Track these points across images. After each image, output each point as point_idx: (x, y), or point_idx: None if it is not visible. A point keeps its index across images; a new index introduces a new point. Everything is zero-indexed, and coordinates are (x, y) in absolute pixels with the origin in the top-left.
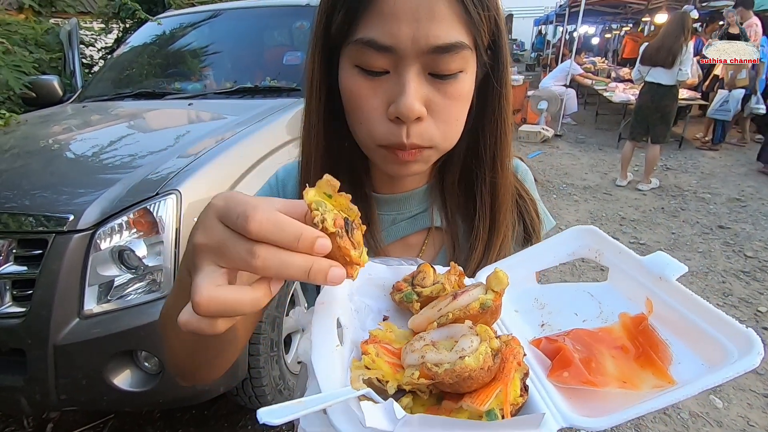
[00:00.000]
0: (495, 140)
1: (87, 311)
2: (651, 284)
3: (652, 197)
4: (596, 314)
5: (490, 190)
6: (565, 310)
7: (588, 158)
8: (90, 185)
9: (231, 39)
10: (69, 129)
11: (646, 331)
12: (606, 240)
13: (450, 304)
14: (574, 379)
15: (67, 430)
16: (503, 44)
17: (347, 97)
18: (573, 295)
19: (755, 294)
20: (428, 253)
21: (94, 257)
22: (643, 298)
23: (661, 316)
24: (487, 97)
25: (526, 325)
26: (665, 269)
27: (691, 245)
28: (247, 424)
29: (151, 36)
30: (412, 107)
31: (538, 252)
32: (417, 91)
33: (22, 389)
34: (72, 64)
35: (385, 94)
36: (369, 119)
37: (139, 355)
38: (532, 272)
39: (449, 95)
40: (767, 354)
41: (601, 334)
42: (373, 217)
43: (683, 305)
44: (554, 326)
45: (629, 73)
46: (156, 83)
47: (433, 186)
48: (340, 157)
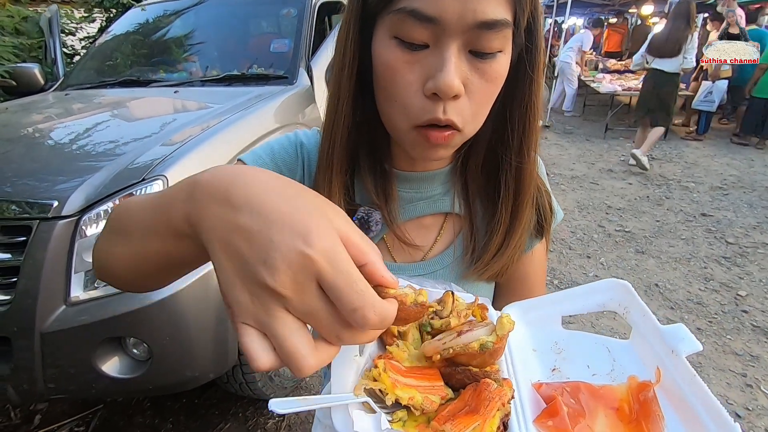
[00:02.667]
0: (523, 126)
1: (73, 298)
2: (663, 355)
3: (637, 186)
4: (607, 371)
5: (516, 176)
6: (579, 360)
7: (575, 149)
8: (74, 172)
9: (217, 26)
10: (51, 117)
11: (646, 400)
12: (635, 299)
13: (453, 339)
14: (557, 429)
15: (56, 421)
16: (540, 27)
17: (382, 70)
18: (592, 347)
19: (735, 279)
20: (445, 238)
21: (80, 244)
22: (654, 365)
23: (666, 388)
24: (518, 81)
25: (538, 366)
26: (679, 344)
27: (675, 232)
28: (238, 411)
29: (135, 23)
30: (452, 83)
31: (569, 297)
32: (458, 67)
33: (8, 378)
34: (53, 52)
35: (423, 69)
36: (404, 94)
37: (127, 342)
38: (559, 315)
39: (487, 76)
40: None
41: (602, 391)
42: (392, 192)
43: (687, 384)
44: (564, 373)
45: (616, 64)
46: (141, 71)
47: (454, 169)
48: (360, 134)
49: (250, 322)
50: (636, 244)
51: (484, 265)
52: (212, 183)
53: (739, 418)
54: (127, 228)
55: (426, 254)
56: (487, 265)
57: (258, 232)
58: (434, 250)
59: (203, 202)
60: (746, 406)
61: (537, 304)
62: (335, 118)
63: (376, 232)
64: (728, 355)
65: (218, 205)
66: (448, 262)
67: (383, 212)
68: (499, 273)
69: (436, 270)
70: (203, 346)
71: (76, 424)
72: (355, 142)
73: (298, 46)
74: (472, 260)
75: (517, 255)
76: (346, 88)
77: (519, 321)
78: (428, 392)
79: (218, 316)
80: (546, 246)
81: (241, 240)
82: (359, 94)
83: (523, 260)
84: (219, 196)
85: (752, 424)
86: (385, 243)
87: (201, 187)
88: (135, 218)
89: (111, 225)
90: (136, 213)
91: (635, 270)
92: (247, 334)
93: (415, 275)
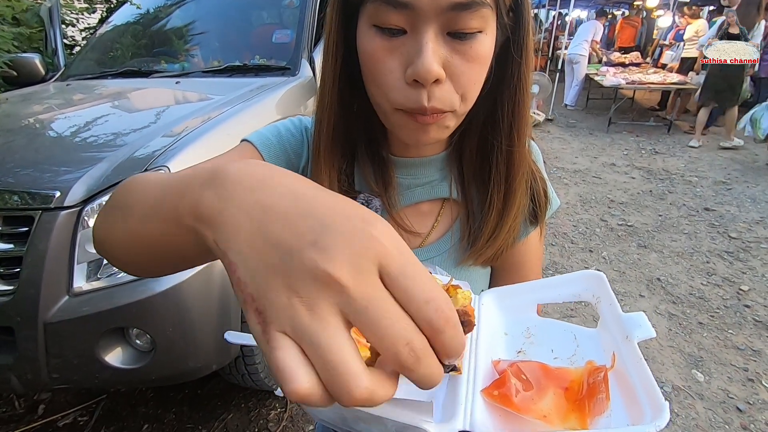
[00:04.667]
0: (513, 108)
1: (76, 289)
2: (620, 340)
3: (640, 180)
4: (569, 355)
5: (506, 160)
6: (545, 345)
7: (578, 142)
8: (76, 162)
9: (219, 16)
10: (52, 107)
11: (595, 381)
12: (606, 289)
13: None
14: (501, 399)
15: (60, 410)
16: (526, 7)
17: (364, 59)
18: (561, 333)
19: (738, 273)
20: (443, 224)
21: (83, 234)
22: (610, 351)
23: (617, 371)
24: (506, 62)
25: (504, 348)
26: (634, 330)
27: (678, 227)
28: (241, 402)
29: (136, 13)
30: (430, 69)
31: (546, 286)
32: (435, 52)
33: (12, 368)
34: (54, 42)
35: (403, 56)
36: (386, 82)
37: (130, 333)
38: (535, 303)
39: (468, 57)
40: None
41: (557, 372)
42: (391, 179)
43: (633, 367)
44: (528, 356)
45: (620, 58)
46: (142, 61)
47: (450, 154)
48: (355, 121)
49: (288, 330)
50: (638, 239)
51: (479, 249)
52: (245, 172)
53: (740, 413)
54: (128, 204)
55: (424, 240)
56: (482, 249)
57: (303, 215)
58: (432, 237)
59: (229, 189)
60: (747, 400)
61: (515, 291)
62: (323, 107)
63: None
64: (730, 350)
65: (250, 192)
66: (446, 248)
67: (383, 199)
68: (494, 257)
69: (433, 256)
70: (206, 336)
71: (79, 414)
72: (345, 133)
73: (300, 36)
74: (468, 245)
75: (512, 239)
76: (331, 76)
77: (495, 306)
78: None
79: (221, 307)
80: (541, 233)
81: (280, 225)
82: (348, 85)
83: (518, 247)
84: (252, 184)
85: (753, 418)
86: None
87: (228, 176)
88: (139, 195)
89: (114, 199)
90: (142, 190)
91: (637, 264)
92: (284, 347)
93: None
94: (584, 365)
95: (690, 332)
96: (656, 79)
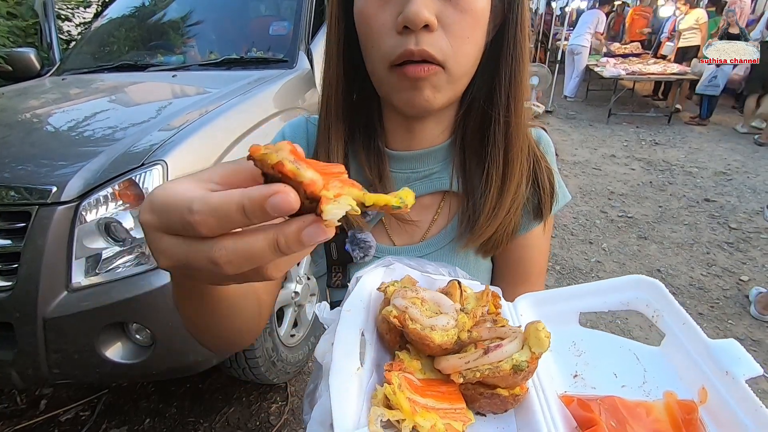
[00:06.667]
0: (510, 79)
1: (75, 284)
2: (713, 375)
3: (640, 172)
4: (639, 383)
5: (504, 130)
6: (604, 367)
7: (578, 134)
8: (72, 157)
9: (215, 9)
10: (48, 102)
11: (693, 424)
12: (670, 303)
13: (479, 359)
14: None
15: (61, 405)
16: None
17: (359, 21)
18: (616, 351)
19: (738, 264)
20: (443, 217)
21: (80, 229)
22: (698, 384)
23: (713, 411)
24: (503, 34)
25: (558, 370)
26: (735, 365)
27: (678, 218)
28: (242, 396)
29: (131, 6)
30: (418, 11)
31: (589, 291)
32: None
33: (12, 363)
34: (49, 36)
35: (395, 7)
36: (379, 36)
37: (130, 327)
38: (576, 312)
39: (461, 7)
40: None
41: (639, 410)
42: (385, 174)
43: (745, 412)
44: (588, 381)
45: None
46: (138, 55)
47: (453, 143)
48: (357, 112)
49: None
50: (638, 230)
51: (479, 228)
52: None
53: None
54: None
55: (424, 234)
56: (482, 229)
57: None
58: (432, 230)
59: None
60: None
61: (553, 297)
62: (330, 89)
63: (373, 214)
64: None
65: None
66: (447, 241)
67: (378, 191)
68: (495, 242)
69: (435, 250)
70: None
71: (81, 409)
72: (351, 120)
73: (297, 28)
74: (467, 229)
75: (512, 222)
76: (334, 51)
77: (532, 314)
78: (450, 417)
79: None
80: (547, 230)
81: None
82: (351, 69)
83: (519, 242)
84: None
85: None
86: (384, 225)
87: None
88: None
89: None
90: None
91: (637, 255)
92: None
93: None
94: (663, 398)
95: None
96: (656, 69)
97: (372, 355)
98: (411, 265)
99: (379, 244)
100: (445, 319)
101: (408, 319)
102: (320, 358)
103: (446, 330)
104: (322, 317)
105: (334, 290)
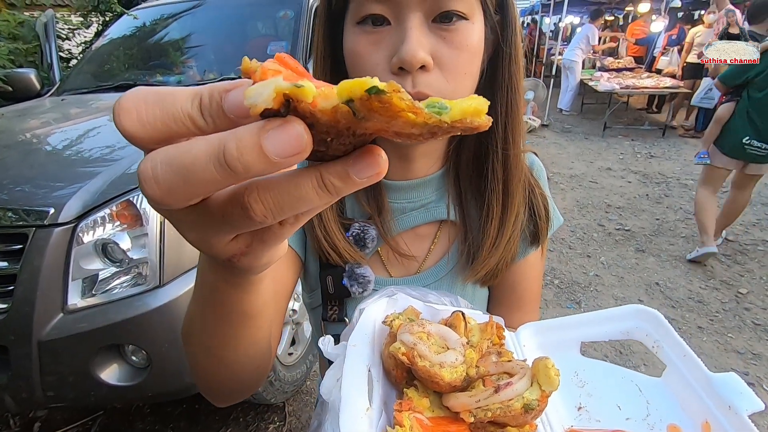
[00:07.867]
0: (506, 110)
1: (71, 306)
2: (715, 408)
3: (636, 184)
4: (642, 415)
5: (503, 162)
6: (608, 399)
7: (574, 147)
8: (70, 178)
9: (214, 29)
10: (48, 122)
11: None
12: (670, 334)
13: (490, 397)
14: None
15: (56, 428)
16: (511, 7)
17: (350, 58)
18: (619, 382)
19: (736, 276)
20: (440, 247)
21: (77, 251)
22: (701, 418)
23: None
24: (497, 64)
25: (562, 402)
26: (737, 399)
27: (675, 230)
28: (239, 416)
29: (131, 27)
30: (414, 53)
31: (589, 321)
32: (419, 39)
33: (6, 387)
34: (49, 56)
35: (388, 47)
36: (372, 75)
37: (126, 349)
38: (577, 341)
39: (455, 44)
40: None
41: None
42: (383, 204)
43: None
44: (592, 414)
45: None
46: (137, 75)
47: (446, 172)
48: None
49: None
50: (636, 243)
51: (481, 260)
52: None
53: None
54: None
55: (421, 266)
56: (485, 261)
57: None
58: (428, 261)
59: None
60: None
61: (554, 326)
62: None
63: (372, 247)
64: (730, 354)
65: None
66: (446, 271)
67: (377, 224)
68: (495, 272)
69: (434, 281)
70: None
71: (76, 431)
72: None
73: (295, 48)
74: (469, 261)
75: (512, 252)
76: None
77: (535, 344)
78: None
79: None
80: (542, 254)
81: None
82: None
83: (516, 268)
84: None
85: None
86: (380, 257)
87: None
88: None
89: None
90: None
91: (635, 268)
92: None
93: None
94: (667, 431)
95: (689, 336)
96: (650, 83)
97: (379, 391)
98: (413, 296)
99: (376, 276)
100: (453, 356)
101: (417, 356)
102: (326, 395)
103: (455, 367)
104: (326, 352)
105: (330, 324)
